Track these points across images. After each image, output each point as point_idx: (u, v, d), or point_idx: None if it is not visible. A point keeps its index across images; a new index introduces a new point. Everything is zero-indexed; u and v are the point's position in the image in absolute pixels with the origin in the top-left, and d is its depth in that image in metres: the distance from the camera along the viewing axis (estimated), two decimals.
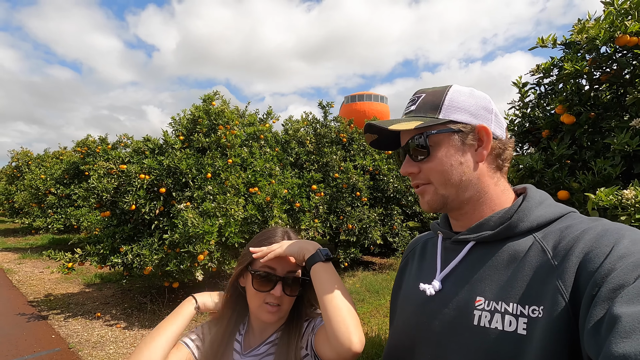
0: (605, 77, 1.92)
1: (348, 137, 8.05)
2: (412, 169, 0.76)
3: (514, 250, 0.67)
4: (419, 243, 0.93)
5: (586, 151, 1.90)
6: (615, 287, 0.50)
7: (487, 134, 0.73)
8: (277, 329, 1.02)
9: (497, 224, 0.71)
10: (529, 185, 0.76)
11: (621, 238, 0.56)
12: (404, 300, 0.84)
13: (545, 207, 0.70)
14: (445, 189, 0.74)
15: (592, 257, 0.56)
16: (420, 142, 0.74)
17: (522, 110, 2.34)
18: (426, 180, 0.76)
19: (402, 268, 0.95)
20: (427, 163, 0.74)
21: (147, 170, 4.76)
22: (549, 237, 0.65)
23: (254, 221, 4.91)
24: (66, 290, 6.27)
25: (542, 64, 2.09)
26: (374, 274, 7.24)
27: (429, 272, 0.80)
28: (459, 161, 0.72)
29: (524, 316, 0.60)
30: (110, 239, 4.69)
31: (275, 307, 0.96)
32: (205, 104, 5.52)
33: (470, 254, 0.73)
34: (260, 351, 0.99)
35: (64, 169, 10.46)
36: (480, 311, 0.65)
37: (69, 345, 4.06)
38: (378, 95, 36.73)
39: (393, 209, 7.70)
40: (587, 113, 1.91)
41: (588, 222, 0.63)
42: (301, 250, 0.92)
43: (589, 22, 1.87)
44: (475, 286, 0.68)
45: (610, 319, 0.47)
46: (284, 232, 1.04)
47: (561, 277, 0.58)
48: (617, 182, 1.58)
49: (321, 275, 0.87)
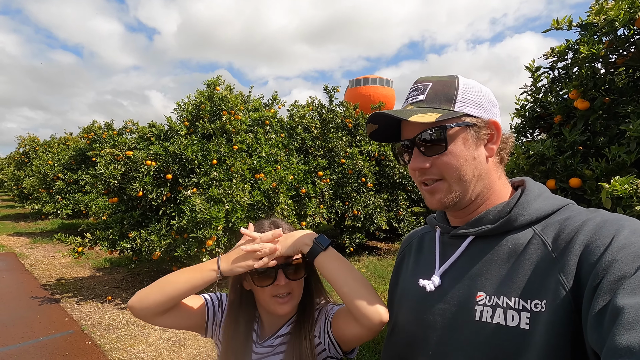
0: (621, 61, 1.85)
1: (354, 122, 7.97)
2: (423, 164, 0.71)
3: (514, 244, 0.66)
4: (415, 237, 0.92)
5: (600, 137, 1.85)
6: (617, 278, 0.50)
7: (497, 129, 0.72)
8: (288, 321, 1.01)
9: (496, 217, 0.70)
10: (526, 178, 0.76)
11: (621, 228, 0.56)
12: (403, 296, 0.83)
13: (543, 199, 0.69)
14: (459, 185, 0.71)
15: (592, 249, 0.56)
16: (438, 136, 0.69)
17: (534, 95, 2.28)
18: (438, 176, 0.72)
19: (399, 263, 0.93)
20: (441, 158, 0.70)
21: (153, 156, 4.77)
22: (549, 229, 0.64)
23: (260, 207, 4.94)
24: (77, 274, 6.41)
25: (557, 47, 2.02)
26: (379, 259, 7.29)
27: (427, 268, 0.79)
28: (472, 156, 0.70)
29: (526, 310, 0.60)
30: (119, 225, 4.76)
31: (287, 297, 0.95)
32: (209, 89, 5.47)
33: (469, 249, 0.72)
34: (275, 342, 0.99)
35: (71, 154, 10.53)
36: (482, 306, 0.64)
37: (82, 328, 4.17)
38: (384, 79, 36.18)
39: (399, 194, 7.68)
40: (601, 98, 1.85)
41: (587, 214, 0.63)
42: (297, 246, 0.90)
43: (608, 3, 1.79)
44: (475, 281, 0.67)
45: (613, 310, 0.47)
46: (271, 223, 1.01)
47: (563, 269, 0.57)
48: (631, 170, 1.54)
49: (327, 265, 0.86)
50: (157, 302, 0.87)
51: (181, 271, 0.91)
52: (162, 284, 0.89)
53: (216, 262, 0.89)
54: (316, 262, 0.88)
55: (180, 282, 0.88)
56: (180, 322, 0.96)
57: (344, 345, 0.92)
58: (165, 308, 0.89)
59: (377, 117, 0.74)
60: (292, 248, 0.90)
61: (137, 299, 0.89)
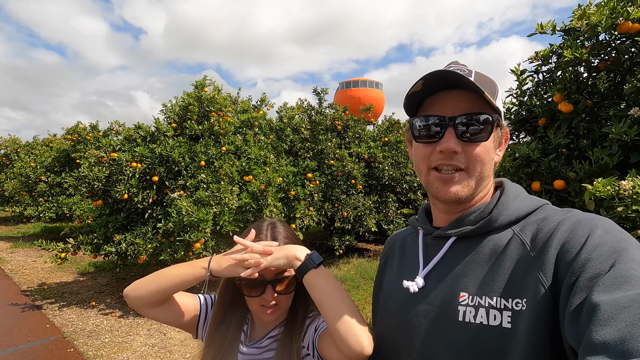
0: (603, 65, 1.89)
1: (343, 125, 7.98)
2: (457, 147, 0.67)
3: (495, 244, 0.67)
4: (398, 239, 0.91)
5: (583, 140, 1.89)
6: (592, 276, 0.52)
7: (506, 139, 0.75)
8: (279, 324, 1.01)
9: (477, 218, 0.71)
10: (504, 179, 0.77)
11: (595, 228, 0.58)
12: (387, 298, 0.82)
13: (521, 200, 0.70)
14: (475, 181, 0.70)
15: (568, 248, 0.57)
16: (487, 123, 0.67)
17: (519, 98, 2.31)
18: (463, 165, 0.68)
19: (382, 266, 0.92)
20: (475, 147, 0.68)
21: (139, 158, 4.68)
22: (527, 229, 0.65)
23: (248, 210, 4.89)
24: (60, 279, 6.24)
25: (541, 51, 2.06)
26: (368, 261, 7.30)
27: (411, 269, 0.78)
28: (491, 157, 0.71)
29: (507, 309, 0.60)
30: (104, 228, 4.65)
31: (273, 308, 0.94)
32: (196, 90, 5.41)
33: (452, 249, 0.72)
34: (263, 344, 0.98)
35: (55, 156, 10.28)
36: (465, 307, 0.65)
37: (64, 335, 4.05)
38: (373, 82, 36.40)
39: (388, 196, 7.71)
40: (584, 101, 1.89)
41: (562, 214, 0.64)
42: (289, 261, 0.86)
43: (590, 8, 1.82)
44: (458, 282, 0.68)
45: (589, 307, 0.48)
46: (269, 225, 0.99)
47: (541, 268, 0.59)
48: (613, 172, 1.57)
49: (317, 284, 0.82)
50: (149, 292, 0.90)
51: (175, 266, 0.92)
52: (155, 276, 0.92)
53: (208, 261, 0.90)
54: (305, 280, 0.84)
55: (172, 276, 0.90)
56: (173, 318, 0.98)
57: None
58: (156, 299, 0.91)
59: (437, 76, 0.66)
60: (283, 261, 0.86)
61: (132, 288, 0.92)
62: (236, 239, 0.90)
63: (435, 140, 0.70)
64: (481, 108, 0.68)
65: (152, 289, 0.90)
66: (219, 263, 0.89)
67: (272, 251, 0.88)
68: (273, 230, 0.98)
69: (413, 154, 0.78)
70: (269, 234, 0.97)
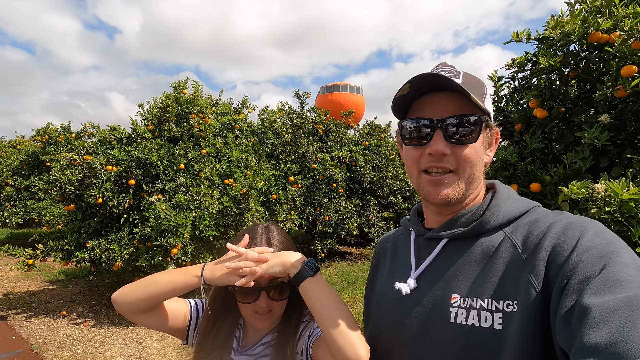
0: (573, 74, 1.98)
1: (324, 128, 8.01)
2: (446, 149, 0.67)
3: (486, 246, 0.67)
4: (390, 240, 0.91)
5: (556, 145, 1.96)
6: (582, 278, 0.52)
7: (497, 140, 0.74)
8: (272, 330, 0.99)
9: (469, 220, 0.71)
10: (496, 181, 0.77)
11: (585, 231, 0.58)
12: (379, 300, 0.82)
13: (512, 202, 0.71)
14: (465, 182, 0.70)
15: (559, 250, 0.58)
16: (475, 124, 0.67)
17: (496, 103, 2.38)
18: (453, 167, 0.69)
19: (374, 267, 0.92)
20: (464, 149, 0.68)
21: (114, 161, 4.52)
22: (518, 231, 0.66)
23: (229, 214, 4.80)
24: (27, 288, 5.92)
25: (517, 59, 2.13)
26: (350, 264, 7.32)
27: (403, 270, 0.78)
28: (481, 158, 0.71)
29: (499, 311, 0.61)
30: (76, 234, 4.45)
31: (266, 314, 0.92)
32: (176, 92, 5.29)
33: (444, 251, 0.72)
34: (256, 351, 0.96)
35: (22, 159, 9.78)
36: (457, 308, 0.65)
37: (32, 347, 3.84)
38: (354, 86, 36.79)
39: (369, 200, 7.78)
40: (558, 108, 1.97)
41: (553, 216, 0.65)
42: (285, 268, 0.85)
43: (563, 18, 1.91)
44: (450, 283, 0.68)
45: (580, 309, 0.49)
46: (264, 230, 0.97)
47: (533, 270, 0.59)
48: (586, 175, 1.64)
49: (313, 293, 0.80)
50: (139, 299, 0.87)
51: (167, 272, 0.90)
52: (146, 282, 0.88)
53: (201, 269, 0.88)
54: (301, 288, 0.82)
55: (163, 283, 0.87)
56: (162, 324, 0.94)
57: None
58: (146, 306, 0.88)
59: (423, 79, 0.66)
60: (278, 268, 0.85)
61: (121, 293, 0.89)
62: (229, 247, 0.88)
63: (424, 143, 0.70)
64: (469, 110, 0.68)
65: (142, 296, 0.87)
66: (212, 271, 0.86)
67: (267, 258, 0.85)
68: (268, 235, 0.95)
69: (404, 156, 0.77)
70: (264, 239, 0.94)
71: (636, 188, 1.20)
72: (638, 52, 1.56)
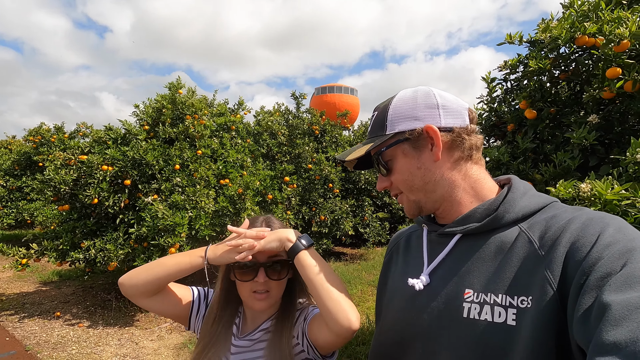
0: (563, 76, 2.04)
1: (320, 129, 8.05)
2: (385, 183, 0.81)
3: (501, 242, 0.67)
4: (403, 237, 0.93)
5: (547, 145, 2.02)
6: (603, 275, 0.51)
7: (433, 132, 0.72)
8: (270, 317, 1.02)
9: (483, 215, 0.70)
10: (512, 176, 0.76)
11: (606, 226, 0.57)
12: (392, 296, 0.83)
13: (529, 197, 0.70)
14: (413, 194, 0.77)
15: (579, 247, 0.56)
16: (378, 162, 0.78)
17: (489, 104, 2.44)
18: (398, 190, 0.80)
19: (387, 263, 0.93)
20: (392, 176, 0.79)
21: (110, 161, 4.50)
22: (535, 227, 0.65)
23: (225, 213, 4.81)
24: (20, 290, 5.86)
25: (510, 61, 2.19)
26: (345, 265, 7.35)
27: (415, 266, 0.79)
28: (416, 166, 0.74)
29: (512, 307, 0.60)
30: (70, 234, 4.42)
31: (264, 294, 0.96)
32: (170, 92, 5.29)
33: (457, 247, 0.72)
34: (255, 337, 1.00)
35: (14, 159, 9.67)
36: (470, 303, 0.65)
37: (26, 348, 3.81)
38: (348, 88, 36.87)
39: (364, 200, 7.83)
40: (548, 109, 2.03)
41: (572, 212, 0.64)
42: (281, 243, 0.90)
43: (552, 22, 1.97)
44: (463, 278, 0.68)
45: (599, 307, 0.48)
46: (264, 219, 1.03)
47: (549, 266, 0.58)
48: (575, 174, 1.69)
49: (306, 264, 0.86)
50: (145, 281, 0.92)
51: (172, 255, 0.96)
52: (152, 265, 0.94)
53: (204, 250, 0.93)
54: (296, 260, 0.88)
55: (169, 264, 0.92)
56: (166, 308, 1.00)
57: (320, 349, 0.92)
58: (152, 288, 0.93)
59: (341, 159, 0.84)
60: (275, 243, 0.90)
61: (128, 276, 0.94)
62: (230, 228, 0.94)
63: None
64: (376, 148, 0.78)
65: (149, 277, 0.92)
66: (214, 251, 0.92)
67: (265, 235, 0.92)
68: (267, 222, 1.02)
69: None
70: (264, 225, 1.00)
71: (619, 187, 1.24)
72: (622, 55, 1.62)
